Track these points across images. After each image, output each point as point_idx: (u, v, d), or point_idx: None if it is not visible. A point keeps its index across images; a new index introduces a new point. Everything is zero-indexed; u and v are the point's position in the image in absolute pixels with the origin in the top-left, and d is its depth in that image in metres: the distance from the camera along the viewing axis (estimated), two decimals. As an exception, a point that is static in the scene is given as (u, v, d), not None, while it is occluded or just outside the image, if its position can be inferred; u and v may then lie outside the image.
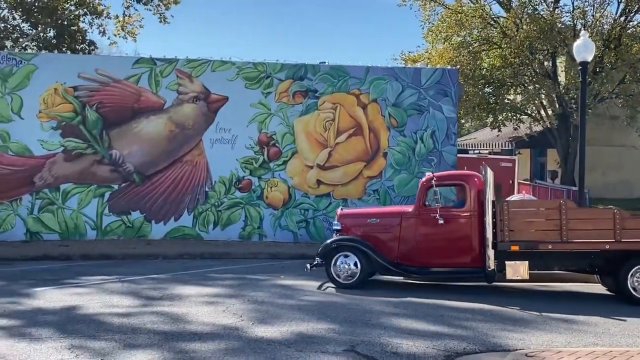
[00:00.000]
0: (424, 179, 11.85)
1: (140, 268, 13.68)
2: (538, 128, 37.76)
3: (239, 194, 18.26)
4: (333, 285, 11.41)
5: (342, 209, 13.23)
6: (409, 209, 11.95)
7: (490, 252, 10.85)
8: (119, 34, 31.87)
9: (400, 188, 18.86)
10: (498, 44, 34.79)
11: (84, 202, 17.57)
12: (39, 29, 31.42)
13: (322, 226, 18.18)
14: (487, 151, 38.27)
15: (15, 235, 17.27)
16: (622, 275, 10.61)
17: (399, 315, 9.11)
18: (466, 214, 11.36)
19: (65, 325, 8.22)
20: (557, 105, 33.20)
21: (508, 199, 13.46)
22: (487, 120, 38.73)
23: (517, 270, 10.79)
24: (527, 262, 10.80)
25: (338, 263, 11.47)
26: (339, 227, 12.09)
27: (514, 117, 36.88)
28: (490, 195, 11.00)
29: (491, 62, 36.09)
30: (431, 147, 19.01)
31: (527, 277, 10.91)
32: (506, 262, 10.83)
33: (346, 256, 11.47)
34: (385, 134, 18.92)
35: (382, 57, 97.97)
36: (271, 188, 18.41)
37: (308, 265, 11.87)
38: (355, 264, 11.43)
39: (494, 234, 10.92)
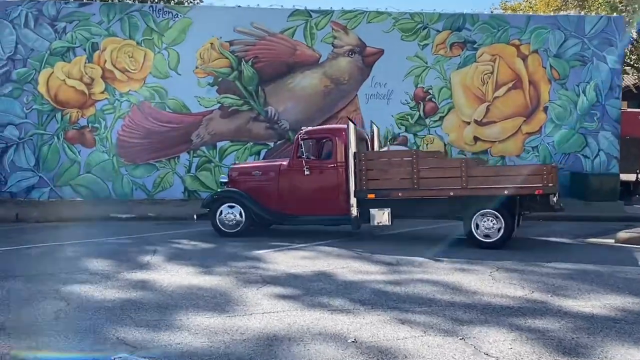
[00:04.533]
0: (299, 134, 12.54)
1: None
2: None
3: (397, 151, 17.67)
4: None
5: (234, 163, 13.75)
6: (286, 162, 12.61)
7: (353, 201, 11.60)
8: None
9: (561, 144, 18.06)
10: (607, -10, 33.21)
11: (240, 160, 17.19)
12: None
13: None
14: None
15: (173, 194, 17.07)
16: (468, 219, 11.18)
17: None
18: (332, 165, 12.08)
19: (349, 294, 7.75)
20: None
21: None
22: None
23: (380, 217, 11.52)
24: (389, 209, 11.50)
25: (224, 213, 12.28)
26: (225, 180, 12.92)
27: (618, 68, 35.43)
28: (352, 148, 11.51)
29: (599, 10, 34.51)
30: (594, 101, 18.10)
31: (389, 223, 11.59)
32: (370, 210, 11.55)
33: (231, 207, 12.25)
34: (546, 87, 18.05)
35: (479, 7, 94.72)
36: (427, 145, 17.78)
37: (195, 216, 12.74)
38: (240, 214, 12.27)
39: (356, 184, 11.51)
